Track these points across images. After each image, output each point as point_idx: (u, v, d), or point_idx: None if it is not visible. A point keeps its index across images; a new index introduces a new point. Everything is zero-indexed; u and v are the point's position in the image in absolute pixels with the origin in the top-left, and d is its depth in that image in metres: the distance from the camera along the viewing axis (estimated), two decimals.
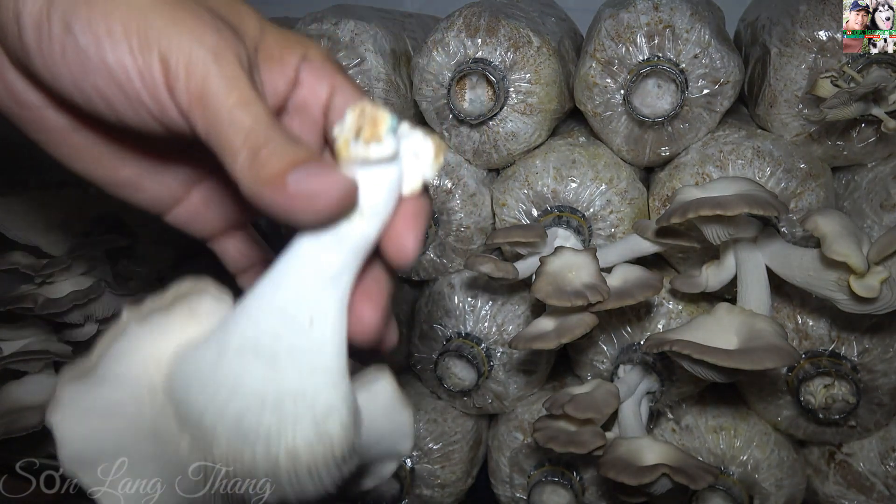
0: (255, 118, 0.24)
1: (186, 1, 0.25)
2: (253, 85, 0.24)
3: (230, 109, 0.23)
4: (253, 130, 0.23)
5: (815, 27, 0.59)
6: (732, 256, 0.54)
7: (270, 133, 0.23)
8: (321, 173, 0.23)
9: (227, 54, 0.24)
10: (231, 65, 0.24)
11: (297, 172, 0.23)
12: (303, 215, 0.23)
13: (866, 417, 0.61)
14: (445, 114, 0.68)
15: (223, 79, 0.24)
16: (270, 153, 0.23)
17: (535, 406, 0.70)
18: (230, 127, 0.23)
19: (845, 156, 0.63)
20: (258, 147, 0.23)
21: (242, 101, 0.24)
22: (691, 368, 0.49)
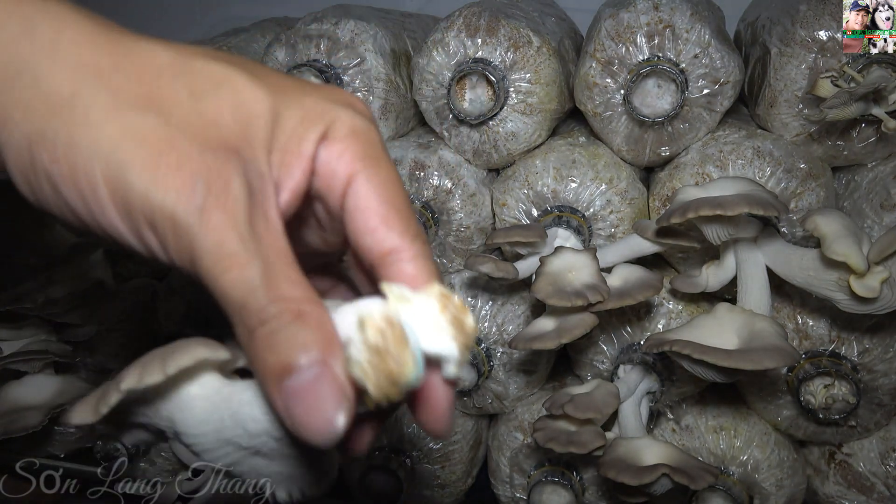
0: (247, 288, 0.22)
1: (171, 142, 0.22)
2: (250, 233, 0.22)
3: (219, 279, 0.22)
4: (245, 307, 0.22)
5: (816, 27, 0.59)
6: (732, 256, 0.54)
7: (265, 311, 0.21)
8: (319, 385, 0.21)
9: (217, 210, 0.22)
10: (220, 222, 0.22)
11: (293, 380, 0.21)
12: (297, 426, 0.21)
13: (866, 417, 0.61)
14: (445, 114, 0.68)
15: (210, 244, 0.22)
16: (265, 341, 0.22)
17: (535, 406, 0.70)
18: (223, 297, 0.22)
19: (845, 156, 0.63)
20: (252, 327, 0.22)
21: (230, 269, 0.22)
22: (691, 368, 0.49)
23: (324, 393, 0.21)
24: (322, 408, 0.21)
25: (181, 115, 0.23)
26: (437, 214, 0.68)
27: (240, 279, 0.21)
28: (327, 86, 0.27)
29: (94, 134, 0.22)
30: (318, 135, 0.25)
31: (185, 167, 0.22)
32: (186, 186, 0.22)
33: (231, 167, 0.22)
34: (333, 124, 0.25)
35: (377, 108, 0.70)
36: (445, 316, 0.22)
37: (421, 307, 0.22)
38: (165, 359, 0.24)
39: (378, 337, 0.21)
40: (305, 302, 0.22)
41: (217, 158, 0.22)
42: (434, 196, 0.68)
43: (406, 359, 0.21)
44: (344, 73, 0.68)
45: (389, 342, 0.21)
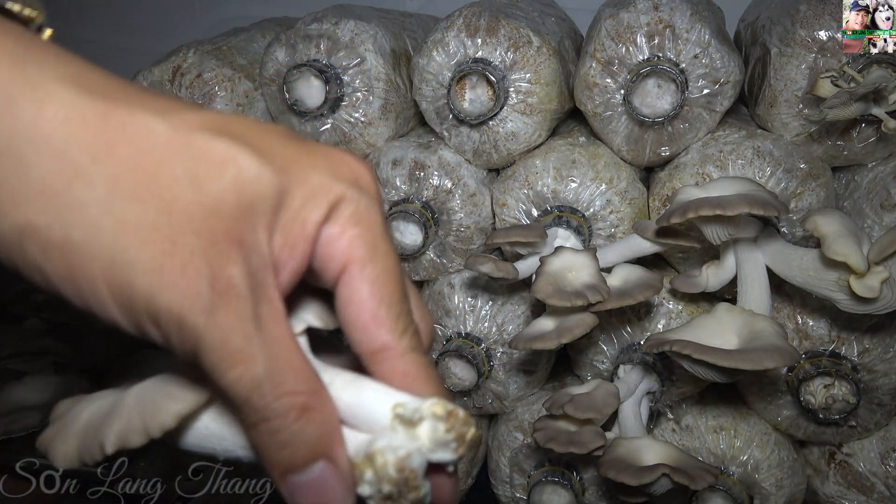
0: (252, 385, 0.22)
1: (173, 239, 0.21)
2: (254, 327, 0.22)
3: (224, 376, 0.22)
4: (249, 403, 0.22)
5: (816, 27, 0.59)
6: (732, 256, 0.54)
7: (270, 409, 0.22)
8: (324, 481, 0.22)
9: (221, 309, 0.22)
10: (225, 322, 0.22)
11: (299, 477, 0.22)
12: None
13: (866, 417, 0.61)
14: (445, 114, 0.68)
15: (216, 343, 0.22)
16: (270, 438, 0.22)
17: (535, 406, 0.70)
18: (228, 392, 0.22)
19: (845, 156, 0.63)
20: (256, 423, 0.22)
21: (236, 365, 0.22)
22: (691, 368, 0.49)
23: (330, 487, 0.22)
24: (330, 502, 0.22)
25: (182, 206, 0.22)
26: (437, 214, 0.68)
27: (244, 376, 0.22)
28: (337, 153, 0.26)
29: (94, 234, 0.21)
30: (321, 216, 0.24)
31: (190, 268, 0.21)
32: (191, 289, 0.21)
33: (234, 261, 0.22)
34: (337, 206, 0.24)
35: (377, 108, 0.70)
36: (451, 435, 0.23)
37: (428, 430, 0.23)
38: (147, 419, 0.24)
39: (393, 489, 0.22)
40: (310, 395, 0.23)
41: (220, 254, 0.22)
42: (434, 196, 0.68)
43: (419, 497, 0.23)
44: (344, 73, 0.68)
45: (404, 490, 0.22)
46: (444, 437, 0.23)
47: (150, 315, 0.22)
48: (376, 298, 0.25)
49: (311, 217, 0.24)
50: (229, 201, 0.22)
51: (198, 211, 0.22)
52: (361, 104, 0.69)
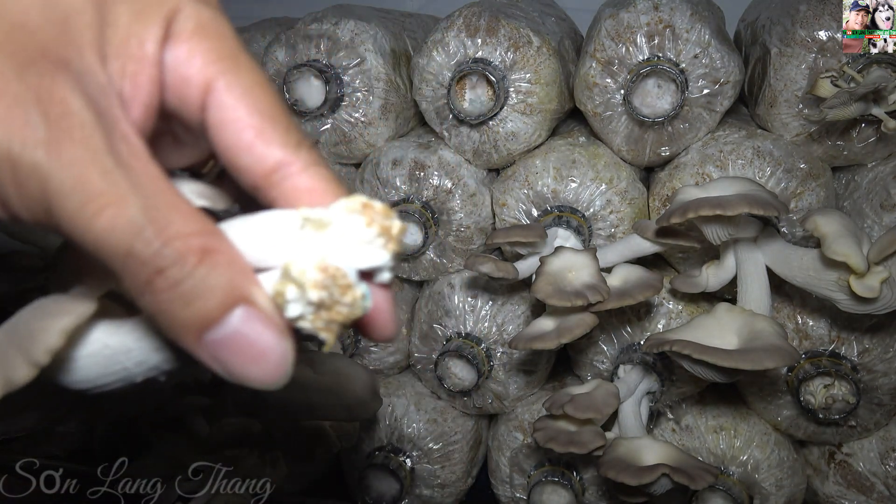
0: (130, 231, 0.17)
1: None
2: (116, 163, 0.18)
3: (90, 226, 0.17)
4: (132, 254, 0.17)
5: (815, 27, 0.59)
6: (732, 256, 0.54)
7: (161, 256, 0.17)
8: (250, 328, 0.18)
9: (66, 139, 0.17)
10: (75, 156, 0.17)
11: (217, 331, 0.18)
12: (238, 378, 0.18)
13: (866, 417, 0.61)
14: (445, 114, 0.68)
15: (69, 185, 0.17)
16: (170, 293, 0.18)
17: (535, 406, 0.70)
18: (100, 247, 0.17)
19: (845, 156, 0.63)
20: (147, 278, 0.17)
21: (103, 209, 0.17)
22: (691, 368, 0.49)
23: (258, 334, 0.18)
24: (262, 351, 0.18)
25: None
26: (437, 214, 0.68)
27: (118, 221, 0.17)
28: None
29: None
30: (160, 32, 0.20)
31: (6, 94, 0.17)
32: (16, 117, 0.17)
33: (63, 84, 0.18)
34: (175, 17, 0.20)
35: (377, 108, 0.70)
36: (373, 229, 0.20)
37: (344, 226, 0.20)
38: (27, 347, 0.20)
39: (322, 293, 0.19)
40: (205, 235, 0.18)
41: (43, 76, 0.18)
42: (434, 196, 0.68)
43: (356, 299, 0.19)
44: (344, 73, 0.68)
45: (335, 293, 0.19)
46: (365, 232, 0.20)
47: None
48: (257, 112, 0.20)
49: (147, 34, 0.19)
50: (35, 15, 0.18)
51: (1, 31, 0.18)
52: (361, 104, 0.69)
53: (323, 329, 0.19)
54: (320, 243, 0.19)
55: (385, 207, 0.20)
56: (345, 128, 0.70)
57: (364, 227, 0.20)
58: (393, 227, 0.20)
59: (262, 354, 0.18)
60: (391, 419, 0.73)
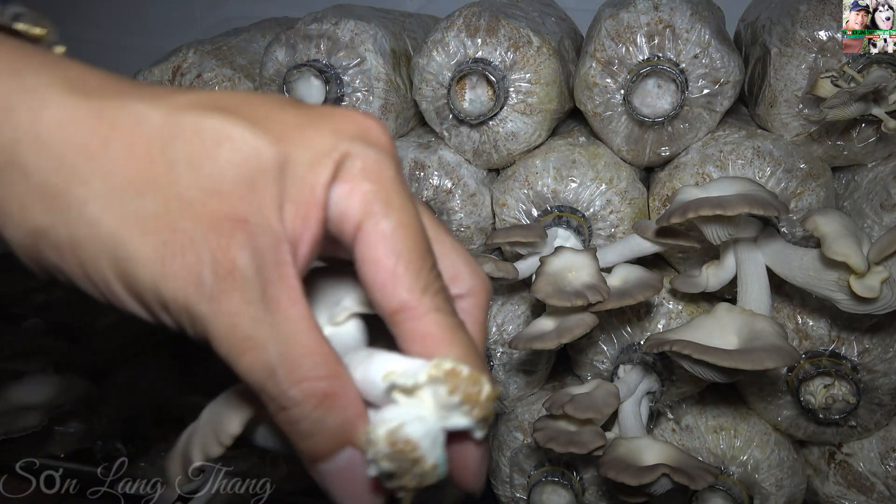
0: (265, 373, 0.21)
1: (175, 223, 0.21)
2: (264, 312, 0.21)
3: (237, 364, 0.21)
4: (265, 391, 0.21)
5: (816, 27, 0.59)
6: (732, 256, 0.54)
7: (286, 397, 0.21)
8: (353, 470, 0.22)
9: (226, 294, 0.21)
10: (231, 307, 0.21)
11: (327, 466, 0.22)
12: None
13: (866, 417, 0.61)
14: (445, 114, 0.68)
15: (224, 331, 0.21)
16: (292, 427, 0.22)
17: (535, 406, 0.70)
18: (244, 379, 0.21)
19: (845, 156, 0.63)
20: (275, 411, 0.22)
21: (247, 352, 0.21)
22: (691, 368, 0.49)
23: (359, 476, 0.22)
24: (359, 491, 0.22)
25: (180, 191, 0.21)
26: (437, 214, 0.68)
27: (256, 364, 0.21)
28: (339, 112, 0.25)
29: (95, 231, 0.21)
30: (328, 177, 0.23)
31: (189, 254, 0.21)
32: (193, 275, 0.21)
33: (237, 243, 0.21)
34: (344, 163, 0.23)
35: (377, 108, 0.70)
36: (457, 397, 0.21)
37: (429, 394, 0.22)
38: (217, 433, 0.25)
39: (391, 464, 0.21)
40: (329, 379, 0.22)
41: (222, 237, 0.21)
42: (434, 196, 0.68)
43: (425, 471, 0.21)
44: (344, 73, 0.68)
45: (404, 465, 0.21)
46: (448, 400, 0.21)
47: (161, 305, 0.21)
48: (393, 254, 0.23)
49: (318, 180, 0.22)
50: (228, 180, 0.22)
51: (196, 195, 0.21)
52: (361, 104, 0.69)
53: (398, 490, 0.21)
54: (401, 409, 0.22)
55: (473, 373, 0.21)
56: None
57: (447, 395, 0.21)
58: (481, 396, 0.21)
59: (357, 492, 0.22)
60: None
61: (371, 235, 0.23)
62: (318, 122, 0.24)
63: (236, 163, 0.22)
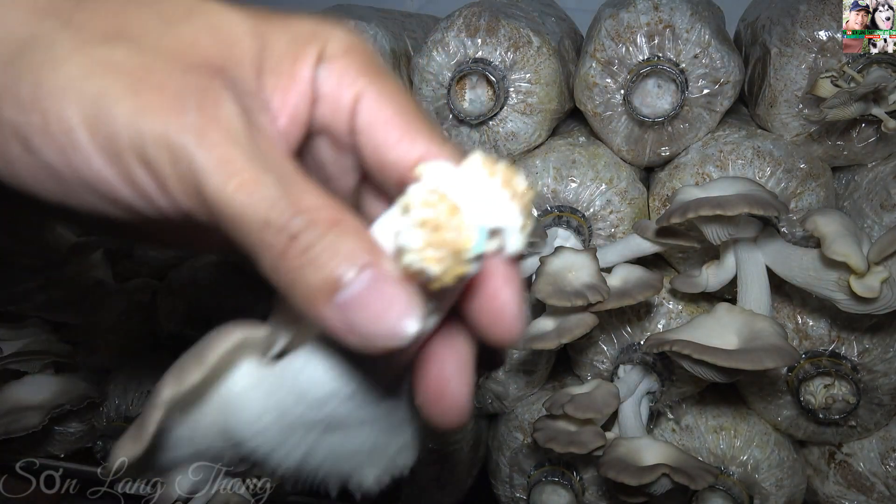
0: (267, 203, 0.19)
1: (148, 67, 0.20)
2: (255, 149, 0.20)
3: (233, 199, 0.19)
4: (269, 224, 0.19)
5: (815, 27, 0.59)
6: (732, 256, 0.54)
7: (293, 225, 0.19)
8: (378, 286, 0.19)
9: (213, 126, 0.19)
10: (220, 138, 0.19)
11: (347, 292, 0.19)
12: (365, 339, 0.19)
13: (866, 417, 0.61)
14: (445, 114, 0.68)
15: (214, 162, 0.19)
16: (301, 259, 0.19)
17: (535, 406, 0.70)
18: (241, 220, 0.19)
19: (845, 156, 0.63)
20: (282, 247, 0.19)
21: (244, 184, 0.19)
22: (691, 368, 0.49)
23: (386, 292, 0.19)
24: (389, 307, 0.19)
25: (154, 40, 0.21)
26: None
27: (255, 195, 0.19)
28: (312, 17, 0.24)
29: (63, 71, 0.20)
30: (314, 56, 0.22)
31: (168, 88, 0.20)
32: (174, 107, 0.19)
33: (218, 84, 0.20)
34: (328, 43, 0.22)
35: None
36: (496, 180, 0.19)
37: (466, 177, 0.19)
38: (200, 353, 0.21)
39: (428, 211, 0.18)
40: (336, 209, 0.20)
41: (201, 77, 0.20)
42: None
43: (464, 225, 0.18)
44: None
45: (441, 213, 0.18)
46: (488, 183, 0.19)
47: (137, 150, 0.19)
48: (403, 113, 0.22)
49: (302, 56, 0.22)
50: (205, 39, 0.21)
51: (172, 43, 0.21)
52: None
53: (432, 261, 0.18)
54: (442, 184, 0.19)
55: (508, 165, 0.19)
56: None
57: (486, 178, 0.19)
58: (518, 183, 0.19)
59: (387, 309, 0.19)
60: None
61: (375, 101, 0.22)
62: (293, 17, 0.23)
63: (214, 26, 0.21)
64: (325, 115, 0.22)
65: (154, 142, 0.19)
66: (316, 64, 0.22)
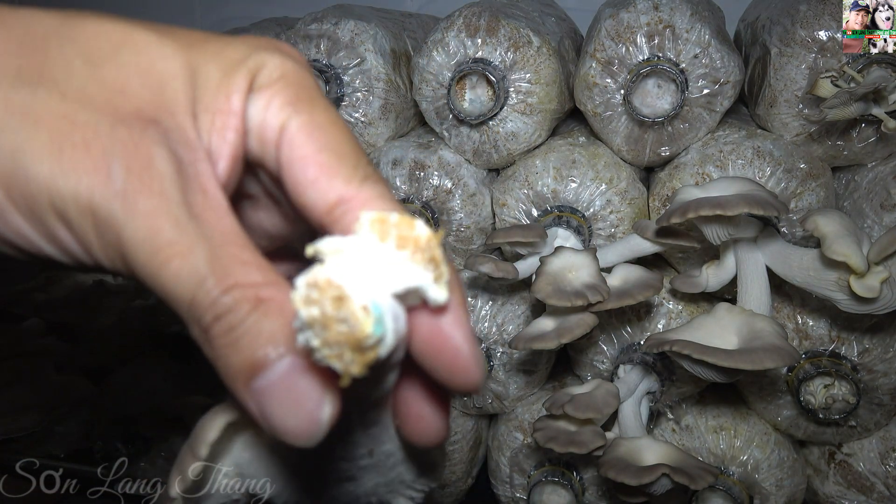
0: (194, 281, 0.18)
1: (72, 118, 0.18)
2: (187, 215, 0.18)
3: (159, 274, 0.18)
4: (194, 302, 0.18)
5: (815, 27, 0.59)
6: (732, 256, 0.54)
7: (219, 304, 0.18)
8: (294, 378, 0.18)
9: (142, 192, 0.18)
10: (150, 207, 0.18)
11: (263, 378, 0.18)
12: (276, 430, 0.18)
13: (866, 417, 0.61)
14: (445, 114, 0.68)
15: (141, 235, 0.18)
16: (224, 339, 0.18)
17: (535, 406, 0.70)
18: (168, 295, 0.18)
19: (845, 156, 0.63)
20: (206, 326, 0.18)
21: (171, 259, 0.18)
22: (691, 368, 0.49)
23: (300, 385, 0.18)
24: (301, 403, 0.18)
25: (78, 86, 0.19)
26: (437, 214, 0.68)
27: (183, 270, 0.18)
28: (249, 35, 0.23)
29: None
30: (245, 85, 0.20)
31: (95, 146, 0.18)
32: (100, 169, 0.18)
33: (150, 139, 0.18)
34: (260, 71, 0.21)
35: (377, 108, 0.70)
36: (390, 243, 0.18)
37: (358, 248, 0.18)
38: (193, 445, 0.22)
39: (312, 310, 0.17)
40: (264, 286, 0.18)
41: (132, 131, 0.18)
42: (434, 196, 0.68)
43: (354, 313, 0.17)
44: (344, 73, 0.68)
45: (327, 307, 0.17)
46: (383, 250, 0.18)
47: (58, 212, 0.18)
48: (325, 149, 0.20)
49: (234, 88, 0.20)
50: (134, 82, 0.19)
51: (98, 91, 0.19)
52: (361, 104, 0.69)
53: (333, 358, 0.17)
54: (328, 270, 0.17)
55: (404, 217, 0.18)
56: None
57: (379, 244, 0.18)
58: (417, 237, 0.18)
59: (301, 408, 0.18)
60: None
61: (298, 134, 0.21)
62: (228, 38, 0.22)
63: (142, 66, 0.20)
64: (254, 147, 0.21)
65: (78, 208, 0.18)
66: (247, 93, 0.21)
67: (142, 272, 0.18)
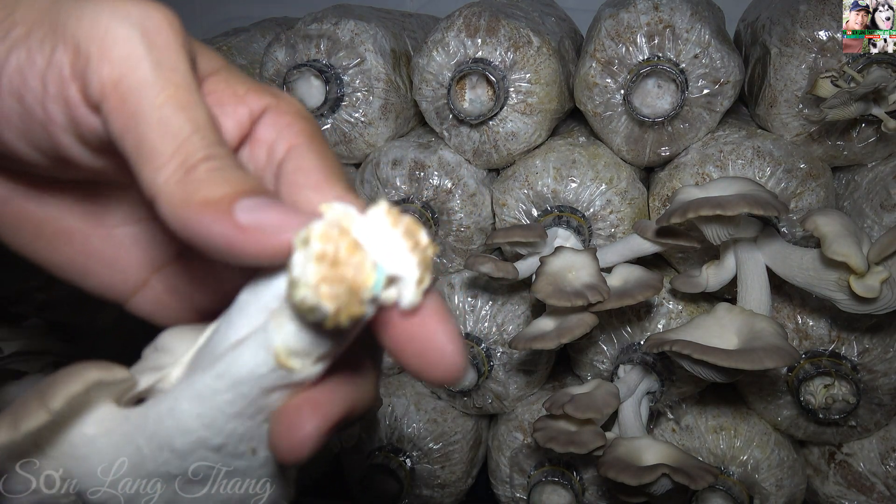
0: (195, 126, 0.18)
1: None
2: (195, 84, 0.19)
3: (159, 107, 0.18)
4: (190, 140, 0.18)
5: (816, 27, 0.59)
6: (732, 256, 0.54)
7: (214, 149, 0.18)
8: (277, 209, 0.18)
9: (162, 34, 0.18)
10: (167, 47, 0.18)
11: (248, 201, 0.18)
12: (251, 252, 0.18)
13: (866, 417, 0.61)
14: (445, 114, 0.68)
15: (153, 65, 0.18)
16: (212, 172, 0.18)
17: (535, 406, 0.70)
18: (157, 129, 0.18)
19: (845, 156, 0.63)
20: (195, 161, 0.18)
21: (178, 101, 0.18)
22: (691, 368, 0.49)
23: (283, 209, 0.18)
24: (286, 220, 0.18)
25: None
26: (437, 214, 0.68)
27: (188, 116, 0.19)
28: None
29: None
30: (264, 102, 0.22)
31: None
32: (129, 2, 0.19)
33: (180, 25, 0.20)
34: (279, 102, 0.22)
35: (377, 108, 0.70)
36: (398, 230, 0.19)
37: (370, 222, 0.18)
38: (45, 392, 0.19)
39: (328, 245, 0.17)
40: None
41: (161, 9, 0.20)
42: (434, 196, 0.68)
43: (364, 263, 0.17)
44: (344, 73, 0.68)
45: (342, 249, 0.17)
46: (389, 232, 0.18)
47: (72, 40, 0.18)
48: (329, 169, 0.22)
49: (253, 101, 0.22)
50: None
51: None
52: (361, 104, 0.69)
53: (327, 297, 0.17)
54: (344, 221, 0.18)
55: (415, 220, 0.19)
56: (345, 128, 0.70)
57: (388, 227, 0.18)
58: (421, 238, 0.19)
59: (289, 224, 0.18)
60: (391, 419, 0.73)
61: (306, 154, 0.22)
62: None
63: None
64: (259, 157, 0.22)
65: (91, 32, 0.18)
66: (265, 106, 0.22)
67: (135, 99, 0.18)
